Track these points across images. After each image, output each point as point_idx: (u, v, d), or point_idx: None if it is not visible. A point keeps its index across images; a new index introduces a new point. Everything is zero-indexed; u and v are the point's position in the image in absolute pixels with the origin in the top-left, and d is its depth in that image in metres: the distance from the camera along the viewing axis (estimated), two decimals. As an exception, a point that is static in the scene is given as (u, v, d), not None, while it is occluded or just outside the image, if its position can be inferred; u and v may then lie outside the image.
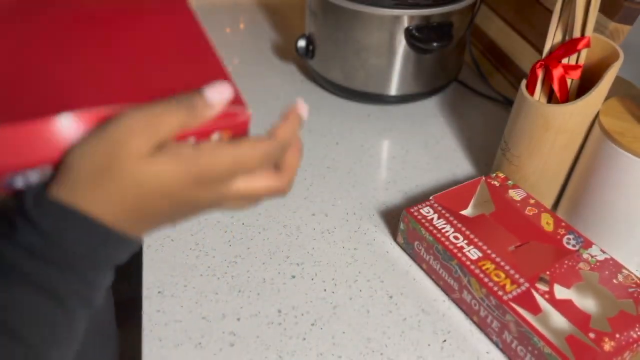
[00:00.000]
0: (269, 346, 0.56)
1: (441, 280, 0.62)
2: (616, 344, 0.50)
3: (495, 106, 0.94)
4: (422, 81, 0.90)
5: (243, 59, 1.06)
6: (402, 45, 0.84)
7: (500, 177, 0.70)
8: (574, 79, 0.65)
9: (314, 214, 0.72)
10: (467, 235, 0.61)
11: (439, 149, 0.85)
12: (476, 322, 0.59)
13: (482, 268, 0.57)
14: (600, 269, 0.58)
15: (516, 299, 0.54)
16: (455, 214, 0.64)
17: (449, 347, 0.57)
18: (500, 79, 0.95)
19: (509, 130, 0.71)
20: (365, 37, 0.85)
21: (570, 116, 0.63)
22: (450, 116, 0.92)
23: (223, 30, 1.18)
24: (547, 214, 0.64)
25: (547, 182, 0.70)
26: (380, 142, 0.87)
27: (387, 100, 0.92)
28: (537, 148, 0.67)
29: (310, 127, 0.88)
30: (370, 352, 0.56)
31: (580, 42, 0.62)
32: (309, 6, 0.91)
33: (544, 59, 0.65)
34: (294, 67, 1.04)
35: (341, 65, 0.89)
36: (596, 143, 0.62)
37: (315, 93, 0.97)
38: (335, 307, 0.60)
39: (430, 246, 0.62)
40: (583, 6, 0.60)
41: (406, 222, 0.65)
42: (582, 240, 0.61)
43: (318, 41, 0.91)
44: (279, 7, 1.28)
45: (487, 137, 0.87)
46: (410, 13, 0.81)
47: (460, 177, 0.79)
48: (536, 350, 0.52)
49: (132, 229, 0.34)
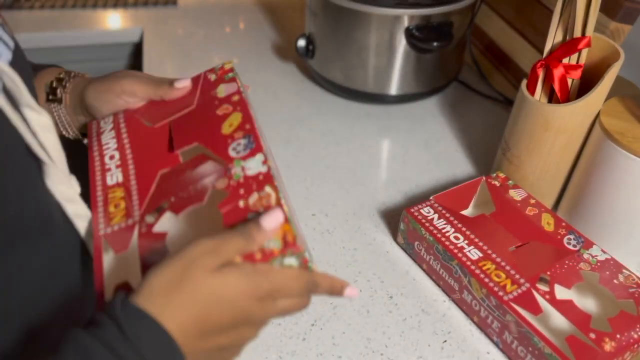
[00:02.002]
0: (269, 346, 0.56)
1: (441, 281, 0.62)
2: (617, 344, 0.50)
3: (496, 106, 0.94)
4: (422, 81, 0.90)
5: (243, 59, 1.06)
6: (402, 45, 0.84)
7: (500, 177, 0.70)
8: (575, 79, 0.65)
9: (314, 214, 0.72)
10: (468, 235, 0.61)
11: (439, 149, 0.84)
12: (476, 322, 0.59)
13: (483, 268, 0.57)
14: (600, 269, 0.58)
15: (516, 299, 0.54)
16: (456, 214, 0.64)
17: (449, 348, 0.57)
18: (500, 78, 0.95)
19: (509, 130, 0.70)
20: (365, 37, 0.84)
21: (571, 116, 0.63)
22: (450, 116, 0.92)
23: (223, 30, 1.18)
24: (548, 214, 0.64)
25: (548, 182, 0.70)
26: (380, 142, 0.87)
27: (387, 100, 0.91)
28: (537, 148, 0.67)
29: (310, 127, 0.88)
30: (370, 352, 0.56)
31: (581, 42, 0.62)
32: (309, 6, 0.91)
33: (544, 59, 0.65)
34: (294, 67, 1.04)
35: (341, 65, 0.89)
36: (597, 143, 0.62)
37: (315, 93, 0.97)
38: (335, 307, 0.60)
39: (430, 246, 0.62)
40: (584, 6, 0.60)
41: (406, 222, 0.65)
42: (582, 240, 0.61)
43: (318, 41, 0.91)
44: (279, 7, 1.28)
45: (487, 137, 0.87)
46: (410, 13, 0.81)
47: (460, 177, 0.79)
48: (536, 351, 0.51)
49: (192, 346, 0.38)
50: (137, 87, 0.55)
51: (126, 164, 0.50)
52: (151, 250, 0.43)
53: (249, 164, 0.45)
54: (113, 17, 1.21)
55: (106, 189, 0.48)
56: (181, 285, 0.37)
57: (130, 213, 0.46)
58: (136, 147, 0.51)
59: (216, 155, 0.47)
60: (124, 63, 1.22)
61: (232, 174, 0.45)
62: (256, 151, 0.46)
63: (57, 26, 1.16)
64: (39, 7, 1.21)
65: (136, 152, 0.51)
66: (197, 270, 0.37)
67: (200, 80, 0.56)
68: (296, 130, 0.87)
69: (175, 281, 0.37)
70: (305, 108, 0.93)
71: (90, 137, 0.54)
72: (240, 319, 0.39)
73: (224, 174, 0.45)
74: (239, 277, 0.38)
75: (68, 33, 1.15)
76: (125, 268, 0.44)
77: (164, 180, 0.48)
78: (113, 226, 0.45)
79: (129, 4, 1.25)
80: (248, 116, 0.49)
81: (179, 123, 0.52)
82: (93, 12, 1.22)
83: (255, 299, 0.39)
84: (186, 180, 0.46)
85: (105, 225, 0.45)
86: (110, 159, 0.51)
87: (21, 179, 0.42)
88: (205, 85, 0.55)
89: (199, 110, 0.52)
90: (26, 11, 1.20)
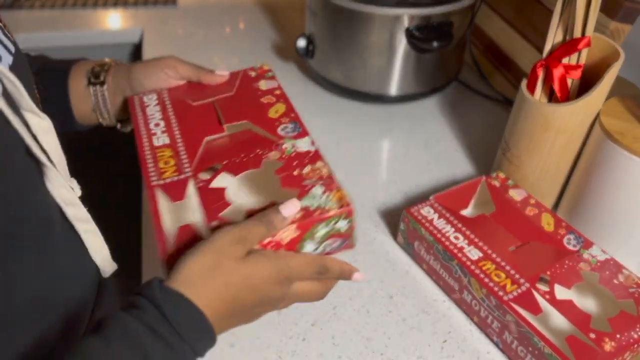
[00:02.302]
0: (269, 346, 0.56)
1: (441, 281, 0.62)
2: (617, 344, 0.50)
3: (495, 106, 0.94)
4: (422, 81, 0.90)
5: (243, 59, 1.06)
6: (402, 45, 0.84)
7: (500, 177, 0.70)
8: (575, 79, 0.65)
9: (314, 214, 0.72)
10: (468, 235, 0.61)
11: (439, 149, 0.84)
12: (476, 322, 0.59)
13: (483, 268, 0.57)
14: (600, 269, 0.58)
15: (516, 299, 0.54)
16: (456, 214, 0.64)
17: (449, 348, 0.57)
18: (500, 78, 0.95)
19: (509, 130, 0.70)
20: (365, 37, 0.84)
21: (571, 116, 0.63)
22: (450, 116, 0.92)
23: (223, 30, 1.18)
24: (548, 214, 0.64)
25: (548, 182, 0.70)
26: (380, 142, 0.87)
27: (387, 100, 0.91)
28: (537, 148, 0.67)
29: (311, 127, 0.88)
30: (370, 352, 0.56)
31: (581, 42, 0.62)
32: (309, 6, 0.91)
33: (544, 59, 0.65)
34: (294, 67, 1.04)
35: (341, 65, 0.89)
36: (597, 143, 0.62)
37: (315, 93, 0.97)
38: (335, 307, 0.60)
39: (430, 246, 0.62)
40: (584, 6, 0.60)
41: (406, 222, 0.65)
42: (582, 240, 0.61)
43: (318, 41, 0.91)
44: (279, 7, 1.28)
45: (487, 137, 0.87)
46: (410, 13, 0.81)
47: (460, 177, 0.79)
48: (536, 351, 0.51)
49: (219, 325, 0.41)
50: (179, 64, 0.62)
51: (172, 130, 0.56)
52: (212, 200, 0.48)
53: (298, 143, 0.53)
54: (113, 17, 1.21)
55: (154, 148, 0.54)
56: (214, 273, 0.40)
57: (180, 169, 0.51)
58: (180, 117, 0.58)
59: (267, 131, 0.55)
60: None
61: (283, 149, 0.52)
62: (304, 134, 0.55)
63: (56, 26, 1.16)
64: (39, 7, 1.21)
65: (181, 122, 0.57)
66: (228, 259, 0.41)
67: (240, 74, 0.64)
68: (296, 130, 0.87)
69: (208, 269, 0.40)
70: (305, 108, 0.93)
71: (134, 109, 0.59)
72: (264, 300, 0.43)
73: (275, 148, 0.52)
74: (265, 263, 0.42)
75: (68, 33, 1.15)
76: (186, 213, 0.48)
77: (211, 145, 0.54)
78: (165, 179, 0.50)
79: (129, 3, 1.25)
80: (291, 107, 0.58)
81: (224, 103, 0.59)
82: (93, 12, 1.22)
83: (277, 282, 0.43)
84: (236, 148, 0.53)
85: (157, 178, 0.50)
86: (155, 125, 0.57)
87: (21, 181, 0.42)
88: (245, 79, 0.63)
89: (242, 96, 0.60)
90: (26, 11, 1.20)
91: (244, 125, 0.56)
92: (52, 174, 0.45)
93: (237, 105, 0.59)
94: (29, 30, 1.13)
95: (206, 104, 0.59)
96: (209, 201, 0.48)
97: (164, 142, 0.54)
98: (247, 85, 0.62)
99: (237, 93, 0.61)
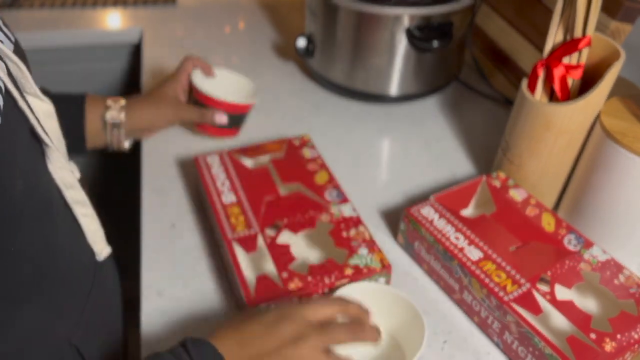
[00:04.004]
0: (268, 347, 0.56)
1: (442, 281, 0.62)
2: (617, 344, 0.50)
3: (496, 106, 0.94)
4: (422, 81, 0.90)
5: (243, 59, 1.06)
6: (402, 45, 0.84)
7: (501, 177, 0.70)
8: (575, 79, 0.65)
9: (314, 214, 0.72)
10: (468, 235, 0.61)
11: (439, 149, 0.84)
12: (477, 322, 0.59)
13: (483, 269, 0.57)
14: (601, 269, 0.58)
15: (517, 299, 0.54)
16: (456, 214, 0.64)
17: (450, 348, 0.57)
18: (500, 78, 0.95)
19: (509, 129, 0.70)
20: (365, 37, 0.84)
21: (571, 116, 0.63)
22: (451, 116, 0.92)
23: (223, 30, 1.18)
24: (548, 214, 0.64)
25: (548, 182, 0.69)
26: (380, 142, 0.87)
27: (387, 99, 0.91)
28: (537, 148, 0.67)
29: (310, 127, 0.88)
30: (371, 352, 0.56)
31: (582, 42, 0.62)
32: (309, 6, 0.91)
33: (545, 59, 0.65)
34: (294, 67, 1.04)
35: (341, 65, 0.89)
36: (597, 143, 0.62)
37: (315, 93, 0.97)
38: (335, 308, 0.60)
39: (430, 246, 0.61)
40: (584, 5, 0.60)
41: (406, 222, 0.64)
42: (583, 240, 0.61)
43: (318, 41, 0.91)
44: (279, 7, 1.28)
45: (487, 136, 0.87)
46: (410, 12, 0.81)
47: (460, 177, 0.79)
48: (537, 351, 0.51)
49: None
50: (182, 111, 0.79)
51: (235, 188, 0.67)
52: (280, 253, 0.59)
53: (343, 208, 0.64)
54: (112, 17, 1.20)
55: (225, 206, 0.64)
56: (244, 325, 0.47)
57: (249, 225, 0.62)
58: (241, 177, 0.69)
59: (317, 195, 0.66)
60: (124, 62, 1.22)
61: (332, 213, 0.64)
62: (346, 200, 0.66)
63: (56, 26, 1.15)
64: (38, 7, 1.21)
65: (243, 181, 0.68)
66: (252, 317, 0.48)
67: (286, 141, 0.75)
68: (296, 130, 0.87)
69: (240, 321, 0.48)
70: (305, 108, 0.93)
71: (200, 169, 0.70)
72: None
73: (325, 211, 0.64)
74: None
75: (67, 32, 1.14)
76: (260, 263, 0.61)
77: (270, 205, 0.65)
78: (238, 232, 0.61)
79: (129, 3, 1.25)
80: (332, 176, 0.70)
81: (277, 164, 0.71)
82: (93, 12, 1.21)
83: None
84: (292, 208, 0.64)
85: (231, 232, 0.61)
86: (222, 185, 0.67)
87: (27, 159, 0.42)
88: (291, 146, 0.75)
89: (291, 161, 0.72)
90: (26, 11, 1.20)
91: (297, 187, 0.68)
92: (54, 156, 0.45)
93: (288, 168, 0.71)
94: (28, 29, 1.13)
95: (261, 164, 0.72)
96: (277, 254, 0.58)
97: (231, 200, 0.65)
98: (294, 152, 0.73)
99: (286, 157, 0.73)
